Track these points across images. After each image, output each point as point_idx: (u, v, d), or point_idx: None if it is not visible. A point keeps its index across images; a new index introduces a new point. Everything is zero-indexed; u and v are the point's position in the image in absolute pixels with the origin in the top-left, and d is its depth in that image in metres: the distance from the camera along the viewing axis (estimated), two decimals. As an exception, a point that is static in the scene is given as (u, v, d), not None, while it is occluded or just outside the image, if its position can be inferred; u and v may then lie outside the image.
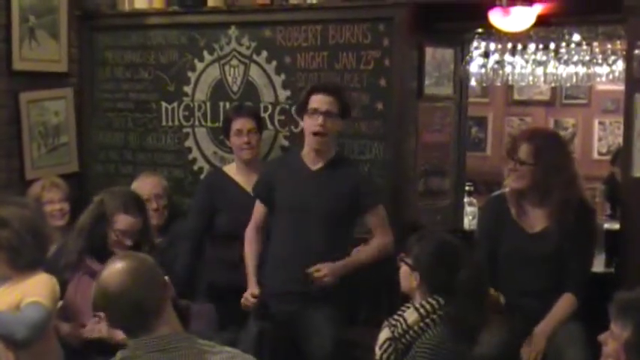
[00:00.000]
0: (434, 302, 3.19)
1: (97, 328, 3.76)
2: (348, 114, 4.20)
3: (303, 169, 4.11)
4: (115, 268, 2.47)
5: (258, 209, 4.24)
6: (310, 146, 4.10)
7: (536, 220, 3.88)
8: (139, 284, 2.43)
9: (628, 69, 4.18)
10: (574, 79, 6.92)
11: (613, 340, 2.70)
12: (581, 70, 6.79)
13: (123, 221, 3.91)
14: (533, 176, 3.81)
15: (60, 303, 3.75)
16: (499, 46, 6.54)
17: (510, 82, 7.20)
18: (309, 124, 4.06)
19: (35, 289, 3.46)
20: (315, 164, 4.10)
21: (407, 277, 3.29)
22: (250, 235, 4.26)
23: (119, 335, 3.57)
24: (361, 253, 4.14)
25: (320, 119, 4.01)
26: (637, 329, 2.63)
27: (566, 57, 6.66)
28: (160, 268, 2.57)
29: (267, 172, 4.26)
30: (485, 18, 4.52)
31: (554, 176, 3.79)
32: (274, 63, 5.05)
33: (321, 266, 3.99)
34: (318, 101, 4.05)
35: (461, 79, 5.13)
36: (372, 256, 4.13)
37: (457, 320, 3.16)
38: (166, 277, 2.57)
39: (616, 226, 4.58)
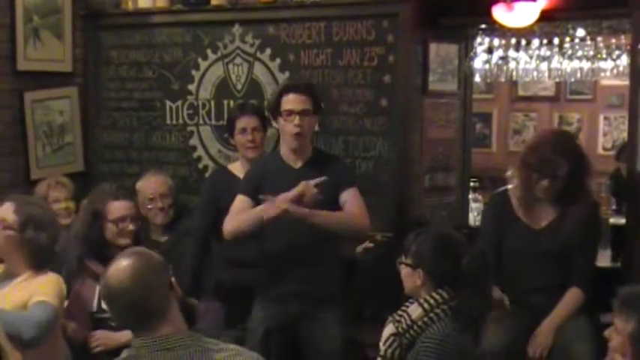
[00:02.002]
0: (438, 297, 3.19)
1: (101, 342, 3.79)
2: (320, 109, 4.10)
3: (287, 168, 4.05)
4: (119, 267, 2.46)
5: (244, 202, 4.03)
6: (289, 147, 4.02)
7: (541, 215, 3.88)
8: (140, 284, 2.42)
9: (633, 63, 4.18)
10: (578, 74, 6.90)
11: (617, 334, 2.70)
12: (586, 65, 6.77)
13: (117, 208, 3.93)
14: (561, 186, 3.79)
15: (66, 303, 3.77)
16: (503, 42, 6.52)
17: (515, 78, 7.17)
18: (286, 125, 3.96)
19: (42, 289, 3.47)
20: (296, 162, 4.05)
21: (410, 278, 3.28)
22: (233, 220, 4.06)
23: (122, 338, 3.60)
24: (330, 213, 3.94)
25: (297, 120, 3.92)
26: None
27: (570, 52, 6.65)
28: (167, 267, 2.55)
29: (254, 173, 4.16)
30: (489, 13, 4.52)
31: (572, 178, 3.79)
32: (278, 60, 5.05)
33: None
34: (292, 102, 3.95)
35: (465, 75, 5.13)
36: (340, 219, 3.93)
37: (461, 309, 3.16)
38: (173, 279, 2.56)
39: (622, 220, 4.58)
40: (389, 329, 3.23)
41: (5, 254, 3.58)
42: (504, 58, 6.63)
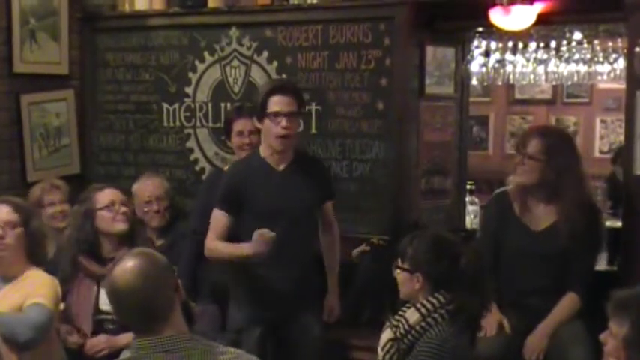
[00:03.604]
0: (435, 301, 3.19)
1: (100, 346, 3.80)
2: (304, 110, 4.16)
3: (270, 171, 4.03)
4: (125, 267, 2.44)
5: (222, 221, 4.04)
6: (274, 149, 3.98)
7: (541, 217, 3.87)
8: (148, 286, 2.41)
9: (629, 67, 4.18)
10: (575, 78, 6.93)
11: (612, 338, 2.70)
12: (582, 68, 6.80)
13: (103, 195, 3.96)
14: (540, 173, 3.80)
15: (62, 305, 3.76)
16: (500, 45, 6.55)
17: (511, 81, 7.20)
18: (272, 127, 3.92)
19: (38, 290, 3.47)
20: (279, 164, 4.04)
21: (407, 282, 3.26)
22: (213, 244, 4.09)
23: (121, 342, 3.60)
24: (334, 265, 4.20)
25: (284, 122, 3.90)
26: (634, 325, 2.64)
27: (567, 55, 6.67)
28: (172, 269, 2.54)
29: (232, 181, 4.12)
30: (486, 17, 4.52)
31: (564, 176, 3.78)
32: (275, 63, 5.05)
33: (331, 306, 4.12)
34: (279, 103, 3.91)
35: (462, 78, 5.13)
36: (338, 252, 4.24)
37: (459, 311, 3.16)
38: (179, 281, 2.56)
39: (618, 224, 4.58)
40: (387, 334, 3.23)
41: (11, 254, 3.59)
42: (501, 62, 6.66)
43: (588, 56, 6.65)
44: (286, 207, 3.97)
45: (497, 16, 4.49)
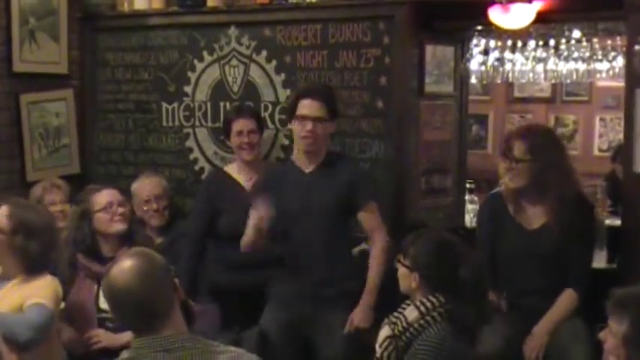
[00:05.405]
0: (434, 300, 3.19)
1: (99, 338, 3.80)
2: (337, 114, 4.17)
3: (298, 173, 4.11)
4: (123, 267, 2.44)
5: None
6: (300, 149, 4.11)
7: (535, 217, 3.88)
8: (146, 286, 2.41)
9: (628, 65, 4.18)
10: (574, 76, 6.91)
11: (611, 336, 2.71)
12: (582, 66, 6.79)
13: (101, 196, 3.97)
14: (530, 173, 3.81)
15: (62, 305, 3.76)
16: (499, 44, 6.54)
17: (511, 80, 7.19)
18: (299, 129, 4.05)
19: (38, 291, 3.46)
20: (308, 166, 4.11)
21: (406, 278, 3.28)
22: None
23: (121, 340, 3.61)
24: (374, 275, 4.00)
25: (309, 125, 4.01)
26: (633, 323, 2.65)
27: (566, 53, 6.66)
28: (170, 268, 2.54)
29: (264, 184, 4.23)
30: (485, 15, 4.52)
31: (550, 172, 3.79)
32: (274, 62, 5.05)
33: (352, 318, 3.95)
34: (306, 107, 4.03)
35: (461, 77, 5.13)
36: (384, 268, 4.01)
37: (458, 318, 3.16)
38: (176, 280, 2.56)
39: (617, 222, 4.58)
40: (385, 331, 3.24)
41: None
42: (500, 60, 6.65)
43: (587, 54, 6.64)
44: (306, 208, 4.02)
45: (497, 15, 4.49)
